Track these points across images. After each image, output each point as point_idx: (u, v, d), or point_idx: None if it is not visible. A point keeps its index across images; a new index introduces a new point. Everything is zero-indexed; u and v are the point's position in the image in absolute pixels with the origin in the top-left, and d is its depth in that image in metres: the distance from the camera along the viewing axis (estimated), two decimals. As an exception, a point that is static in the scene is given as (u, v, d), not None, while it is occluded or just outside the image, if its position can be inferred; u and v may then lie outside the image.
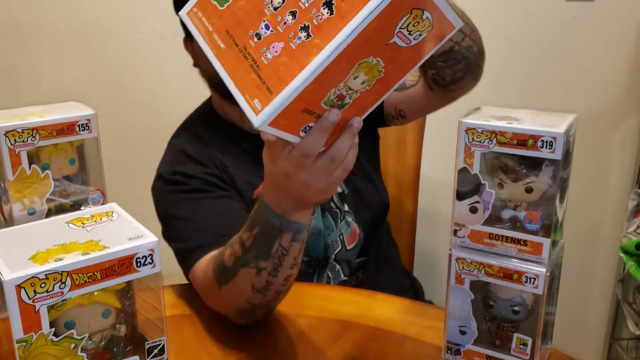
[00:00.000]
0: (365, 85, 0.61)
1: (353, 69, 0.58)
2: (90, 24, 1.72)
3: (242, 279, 0.84)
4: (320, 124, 0.63)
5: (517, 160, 0.73)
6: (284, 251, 0.81)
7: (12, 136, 0.78)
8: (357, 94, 0.62)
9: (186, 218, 1.01)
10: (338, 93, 0.60)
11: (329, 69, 0.55)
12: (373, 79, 0.61)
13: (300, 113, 0.60)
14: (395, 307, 1.00)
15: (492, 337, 0.79)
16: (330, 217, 1.13)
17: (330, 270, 1.14)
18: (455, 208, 0.76)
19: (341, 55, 0.54)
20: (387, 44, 0.57)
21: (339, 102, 0.62)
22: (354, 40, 0.53)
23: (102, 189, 0.88)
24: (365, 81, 0.60)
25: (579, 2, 1.76)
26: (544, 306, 0.74)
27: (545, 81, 1.83)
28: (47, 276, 0.59)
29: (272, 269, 0.82)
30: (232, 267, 0.84)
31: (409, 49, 0.59)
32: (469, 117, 0.74)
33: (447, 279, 0.78)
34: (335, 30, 0.53)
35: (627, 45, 1.81)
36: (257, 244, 0.81)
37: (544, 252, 0.73)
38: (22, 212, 0.81)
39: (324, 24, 0.54)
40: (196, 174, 1.05)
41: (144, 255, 0.65)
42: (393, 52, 0.59)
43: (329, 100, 0.61)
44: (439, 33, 0.60)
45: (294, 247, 0.81)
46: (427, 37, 0.59)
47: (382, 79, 0.62)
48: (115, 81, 1.77)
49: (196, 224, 1.00)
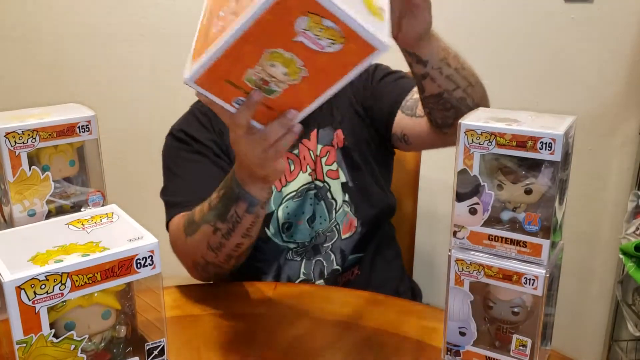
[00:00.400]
0: (289, 78, 0.69)
1: (263, 54, 0.66)
2: (91, 26, 1.72)
3: (201, 234, 0.95)
4: (246, 100, 0.74)
5: (516, 162, 0.73)
6: (237, 218, 0.91)
7: (12, 138, 0.78)
8: (285, 85, 0.71)
9: (179, 175, 1.13)
10: (259, 76, 0.70)
11: (235, 46, 0.65)
12: (296, 74, 0.69)
13: (223, 82, 0.71)
14: (394, 308, 1.00)
15: (492, 339, 0.79)
16: (324, 206, 1.15)
17: (325, 260, 1.15)
18: (454, 209, 0.76)
19: (243, 37, 0.64)
20: (293, 40, 0.64)
21: (265, 87, 0.72)
22: (251, 27, 0.62)
23: (102, 190, 0.88)
24: (287, 73, 0.69)
25: (578, 3, 1.77)
26: (544, 307, 0.74)
27: (545, 83, 1.83)
28: (47, 277, 0.59)
29: (226, 231, 0.92)
30: (197, 222, 0.96)
31: (327, 55, 0.65)
32: (468, 119, 0.75)
33: (446, 280, 0.78)
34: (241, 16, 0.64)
35: (626, 47, 1.81)
36: (218, 205, 0.92)
37: (544, 253, 0.73)
38: (22, 214, 0.81)
39: (238, 10, 0.64)
40: (199, 137, 1.14)
41: (144, 256, 0.65)
42: (308, 53, 0.65)
43: (252, 80, 0.71)
44: (359, 50, 0.65)
45: (247, 218, 0.91)
46: (345, 49, 0.64)
47: (310, 79, 0.69)
48: (115, 83, 1.77)
49: (186, 183, 1.11)
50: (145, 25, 1.72)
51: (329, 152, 1.16)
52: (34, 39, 1.71)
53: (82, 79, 1.76)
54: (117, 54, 1.74)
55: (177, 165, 1.15)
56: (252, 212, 0.90)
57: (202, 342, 0.91)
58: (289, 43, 0.65)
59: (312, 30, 0.62)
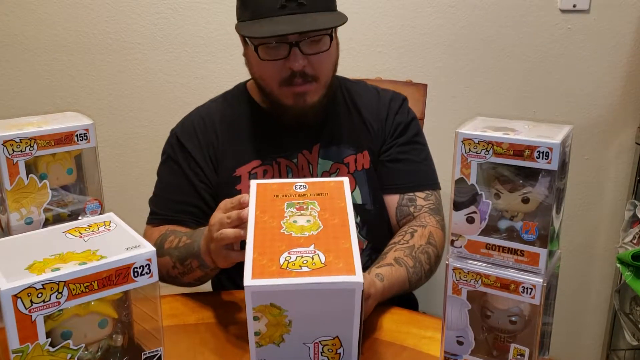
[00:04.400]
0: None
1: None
2: (89, 35, 1.72)
3: (164, 261, 1.06)
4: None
5: (513, 171, 0.73)
6: (191, 268, 1.03)
7: (10, 146, 0.78)
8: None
9: (158, 183, 1.21)
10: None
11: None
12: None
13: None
14: (393, 317, 1.00)
15: (490, 348, 0.79)
16: None
17: None
18: (452, 218, 0.77)
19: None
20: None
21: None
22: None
23: (99, 198, 0.88)
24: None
25: (574, 14, 1.78)
26: (541, 316, 0.74)
27: (542, 92, 1.84)
28: (44, 286, 0.59)
29: (180, 272, 1.05)
30: (164, 249, 1.07)
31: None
32: (465, 128, 0.75)
33: (444, 289, 0.78)
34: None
35: (623, 57, 1.82)
36: (182, 249, 1.04)
37: (541, 262, 0.73)
38: (20, 222, 0.81)
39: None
40: (188, 146, 1.17)
41: (141, 265, 0.65)
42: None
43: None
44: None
45: (198, 272, 1.03)
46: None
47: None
48: (113, 91, 1.77)
49: (161, 192, 1.20)
50: (143, 34, 1.73)
51: (339, 170, 1.16)
52: (33, 47, 1.72)
53: (80, 88, 1.76)
54: (115, 63, 1.75)
55: (163, 167, 1.21)
56: (203, 270, 1.02)
57: (199, 351, 0.91)
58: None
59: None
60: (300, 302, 0.69)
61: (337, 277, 0.68)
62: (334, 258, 0.71)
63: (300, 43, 1.04)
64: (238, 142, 1.17)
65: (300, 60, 1.04)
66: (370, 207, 1.17)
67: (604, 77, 1.84)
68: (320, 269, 0.69)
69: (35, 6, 1.70)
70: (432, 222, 1.14)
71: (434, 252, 1.10)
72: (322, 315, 0.71)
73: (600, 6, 1.77)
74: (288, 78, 1.07)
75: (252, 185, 0.84)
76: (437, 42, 1.78)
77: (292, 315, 0.70)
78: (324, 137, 1.16)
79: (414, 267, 1.05)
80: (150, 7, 1.71)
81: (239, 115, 1.20)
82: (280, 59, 1.05)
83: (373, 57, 1.78)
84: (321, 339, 0.72)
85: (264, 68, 1.09)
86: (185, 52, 1.75)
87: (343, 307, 0.70)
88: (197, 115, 1.21)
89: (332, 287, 0.68)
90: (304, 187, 0.84)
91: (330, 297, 0.69)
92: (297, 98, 1.08)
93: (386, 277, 1.00)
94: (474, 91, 1.81)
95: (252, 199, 0.81)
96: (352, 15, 1.74)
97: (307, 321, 0.71)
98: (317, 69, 1.08)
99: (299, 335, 0.71)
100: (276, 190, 0.83)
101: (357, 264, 0.70)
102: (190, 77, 1.77)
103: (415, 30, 1.77)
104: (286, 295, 0.68)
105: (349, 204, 0.80)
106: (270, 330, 0.70)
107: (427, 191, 1.18)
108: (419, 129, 1.24)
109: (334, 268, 0.70)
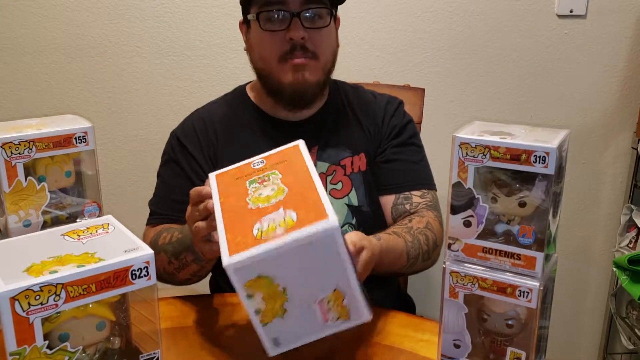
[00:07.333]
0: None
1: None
2: (88, 38, 1.73)
3: (159, 258, 1.04)
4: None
5: (510, 175, 0.74)
6: (186, 262, 1.01)
7: (9, 148, 0.78)
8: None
9: (159, 184, 1.21)
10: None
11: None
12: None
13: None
14: (390, 320, 1.00)
15: (486, 351, 0.79)
16: None
17: None
18: (449, 222, 0.77)
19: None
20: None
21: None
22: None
23: (98, 201, 0.88)
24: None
25: (571, 19, 1.79)
26: (538, 320, 0.74)
27: (538, 97, 1.85)
28: (42, 288, 0.59)
29: (176, 267, 1.03)
30: (159, 246, 1.05)
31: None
32: (462, 132, 0.75)
33: (441, 293, 0.78)
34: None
35: (619, 62, 1.83)
36: (175, 244, 1.02)
37: (537, 266, 0.73)
38: (18, 224, 0.81)
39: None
40: (189, 146, 1.17)
41: (140, 267, 0.65)
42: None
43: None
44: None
45: (194, 266, 1.01)
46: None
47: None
48: (112, 94, 1.77)
49: (160, 193, 1.20)
50: (142, 38, 1.73)
51: (336, 171, 1.16)
52: (32, 50, 1.72)
53: (79, 91, 1.76)
54: (114, 66, 1.75)
55: (164, 167, 1.21)
56: (198, 263, 1.00)
57: (197, 353, 0.91)
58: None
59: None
60: (286, 265, 0.68)
61: (312, 226, 0.67)
62: (306, 212, 0.69)
63: (300, 15, 1.06)
64: (237, 143, 1.18)
65: (301, 31, 1.06)
66: (366, 209, 1.17)
67: (600, 81, 1.84)
68: (293, 226, 0.68)
69: (34, 9, 1.70)
70: (430, 215, 1.14)
71: (432, 237, 1.10)
72: (313, 271, 0.69)
73: (597, 12, 1.78)
74: (288, 51, 1.08)
75: (211, 177, 0.84)
76: (435, 46, 1.79)
77: (283, 280, 0.68)
78: (321, 140, 1.17)
79: (412, 243, 1.05)
80: (150, 11, 1.72)
81: (239, 116, 1.20)
82: (281, 30, 1.07)
83: (371, 61, 1.79)
84: (322, 295, 0.70)
85: (264, 43, 1.10)
86: (184, 55, 1.75)
87: (329, 255, 0.68)
88: (197, 116, 1.22)
89: (311, 239, 0.67)
90: (261, 162, 0.82)
91: (313, 249, 0.67)
92: (296, 73, 1.09)
93: (383, 238, 1.00)
94: (472, 95, 1.81)
95: (214, 189, 0.80)
96: (351, 20, 1.76)
97: (301, 282, 0.69)
98: (317, 45, 1.09)
99: (299, 299, 0.70)
100: (236, 174, 0.82)
101: (328, 207, 0.69)
102: (189, 80, 1.78)
103: (413, 34, 1.78)
104: (269, 261, 0.67)
105: (309, 162, 0.78)
106: (269, 304, 0.69)
107: (423, 190, 1.18)
108: (415, 132, 1.24)
109: (307, 219, 0.68)
